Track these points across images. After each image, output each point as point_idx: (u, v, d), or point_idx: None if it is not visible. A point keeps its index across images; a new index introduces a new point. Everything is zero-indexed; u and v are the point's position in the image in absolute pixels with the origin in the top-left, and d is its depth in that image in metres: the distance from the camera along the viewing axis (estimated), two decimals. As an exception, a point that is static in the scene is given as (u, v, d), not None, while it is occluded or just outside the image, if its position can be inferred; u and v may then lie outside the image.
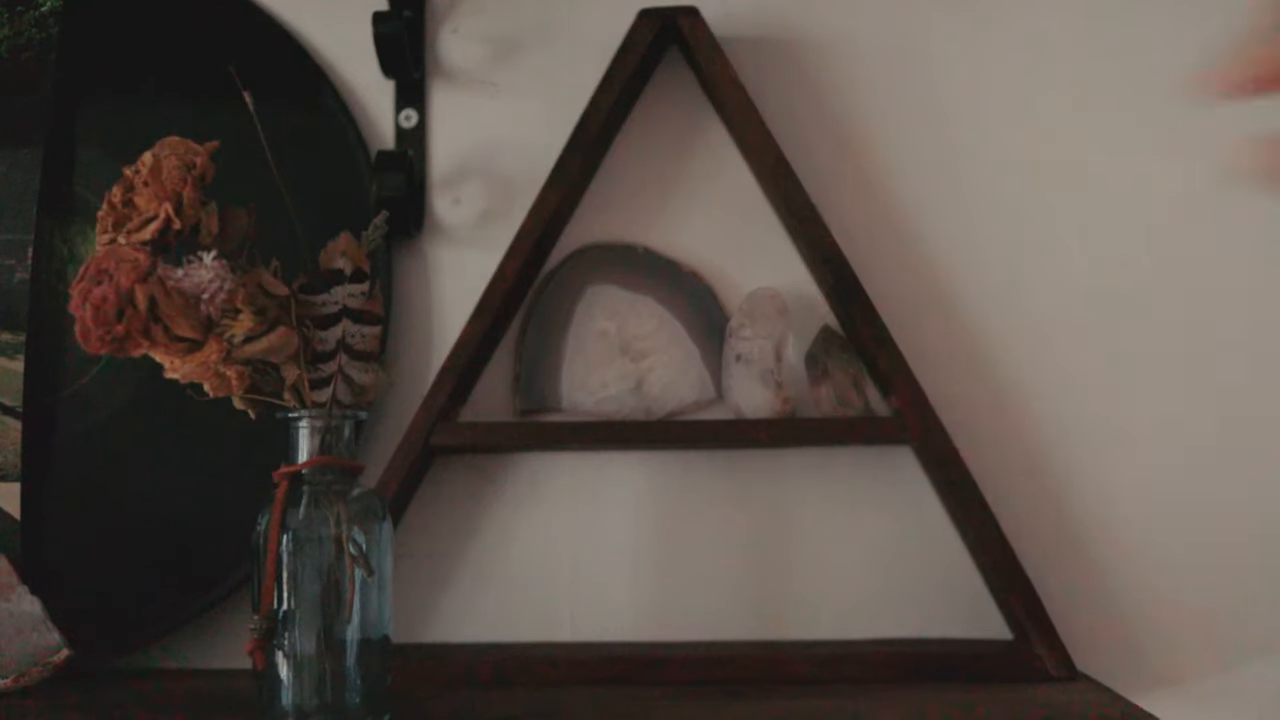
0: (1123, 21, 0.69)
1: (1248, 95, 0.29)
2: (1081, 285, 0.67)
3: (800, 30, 0.69)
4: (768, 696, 0.55)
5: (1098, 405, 0.66)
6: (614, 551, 0.66)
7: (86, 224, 0.66)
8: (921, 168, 0.68)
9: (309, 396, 0.45)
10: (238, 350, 0.42)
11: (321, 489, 0.46)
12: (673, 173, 0.69)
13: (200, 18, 0.68)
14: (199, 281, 0.41)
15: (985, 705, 0.53)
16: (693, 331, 0.68)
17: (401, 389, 0.67)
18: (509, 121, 0.69)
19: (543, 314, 0.68)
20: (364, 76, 0.69)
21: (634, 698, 0.55)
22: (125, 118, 0.67)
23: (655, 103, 0.69)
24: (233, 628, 0.65)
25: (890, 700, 0.54)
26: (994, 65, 0.69)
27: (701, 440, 0.62)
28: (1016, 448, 0.66)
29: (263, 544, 0.45)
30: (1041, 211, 0.68)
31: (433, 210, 0.69)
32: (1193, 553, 0.65)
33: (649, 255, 0.68)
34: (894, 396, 0.63)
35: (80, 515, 0.64)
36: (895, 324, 0.64)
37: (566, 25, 0.70)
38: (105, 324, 0.39)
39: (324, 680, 0.45)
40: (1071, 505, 0.66)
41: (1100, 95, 0.68)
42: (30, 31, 0.67)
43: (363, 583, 0.45)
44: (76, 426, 0.65)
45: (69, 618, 0.60)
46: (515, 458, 0.68)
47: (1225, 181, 0.67)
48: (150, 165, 0.42)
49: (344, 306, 0.46)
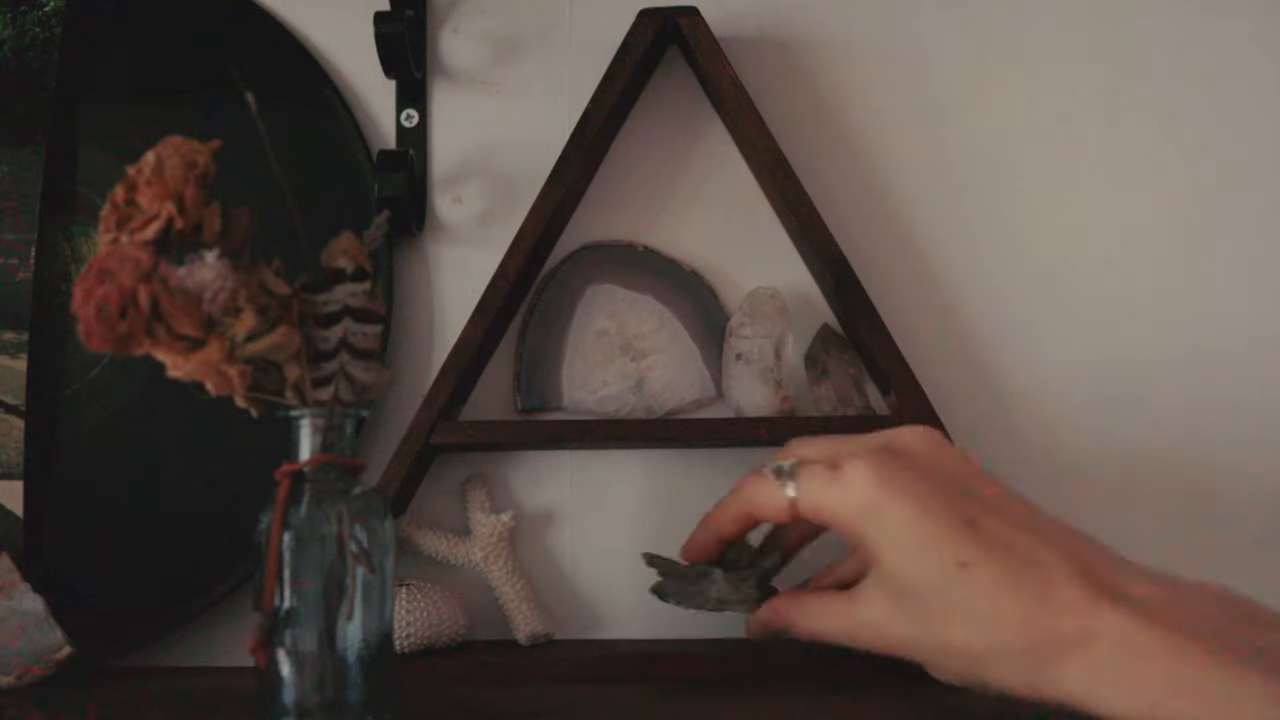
0: (1122, 22, 0.69)
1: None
2: (1082, 285, 0.68)
3: (800, 30, 0.69)
4: (769, 694, 0.55)
5: (1098, 404, 0.67)
6: (614, 549, 0.67)
7: (89, 223, 0.66)
8: (922, 167, 0.68)
9: (311, 395, 0.46)
10: (240, 349, 0.42)
11: (323, 487, 0.46)
12: (673, 172, 0.69)
13: (202, 17, 0.68)
14: (201, 280, 0.41)
15: (985, 704, 0.53)
16: (693, 330, 0.68)
17: (402, 387, 0.67)
18: (510, 121, 0.70)
19: (543, 313, 0.68)
20: (365, 76, 0.69)
21: (634, 696, 0.55)
22: (128, 117, 0.67)
23: (655, 103, 0.69)
24: (234, 626, 0.66)
25: (892, 699, 0.54)
26: (994, 65, 0.69)
27: (701, 438, 0.62)
28: (1016, 447, 0.66)
29: (264, 542, 0.45)
30: (1042, 211, 0.68)
31: (434, 209, 0.69)
32: (1198, 559, 0.65)
33: (649, 254, 0.68)
34: (894, 396, 0.63)
35: (82, 513, 0.64)
36: (895, 324, 0.64)
37: (566, 25, 0.70)
38: (108, 323, 0.39)
39: (325, 678, 0.45)
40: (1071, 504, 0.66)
41: (1101, 95, 0.68)
42: (33, 31, 0.67)
43: (364, 581, 0.45)
44: (79, 425, 0.65)
45: (71, 615, 0.61)
46: (515, 456, 0.68)
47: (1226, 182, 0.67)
48: (153, 164, 0.42)
49: (345, 305, 0.46)
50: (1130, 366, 0.67)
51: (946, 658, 0.44)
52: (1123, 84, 0.68)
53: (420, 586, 0.62)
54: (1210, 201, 0.68)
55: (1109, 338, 0.67)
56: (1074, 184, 0.68)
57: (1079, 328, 0.67)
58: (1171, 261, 0.67)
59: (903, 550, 0.44)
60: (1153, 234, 0.68)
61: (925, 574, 0.43)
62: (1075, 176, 0.68)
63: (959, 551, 0.42)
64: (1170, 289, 0.67)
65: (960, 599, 0.42)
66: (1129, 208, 0.68)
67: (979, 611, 0.42)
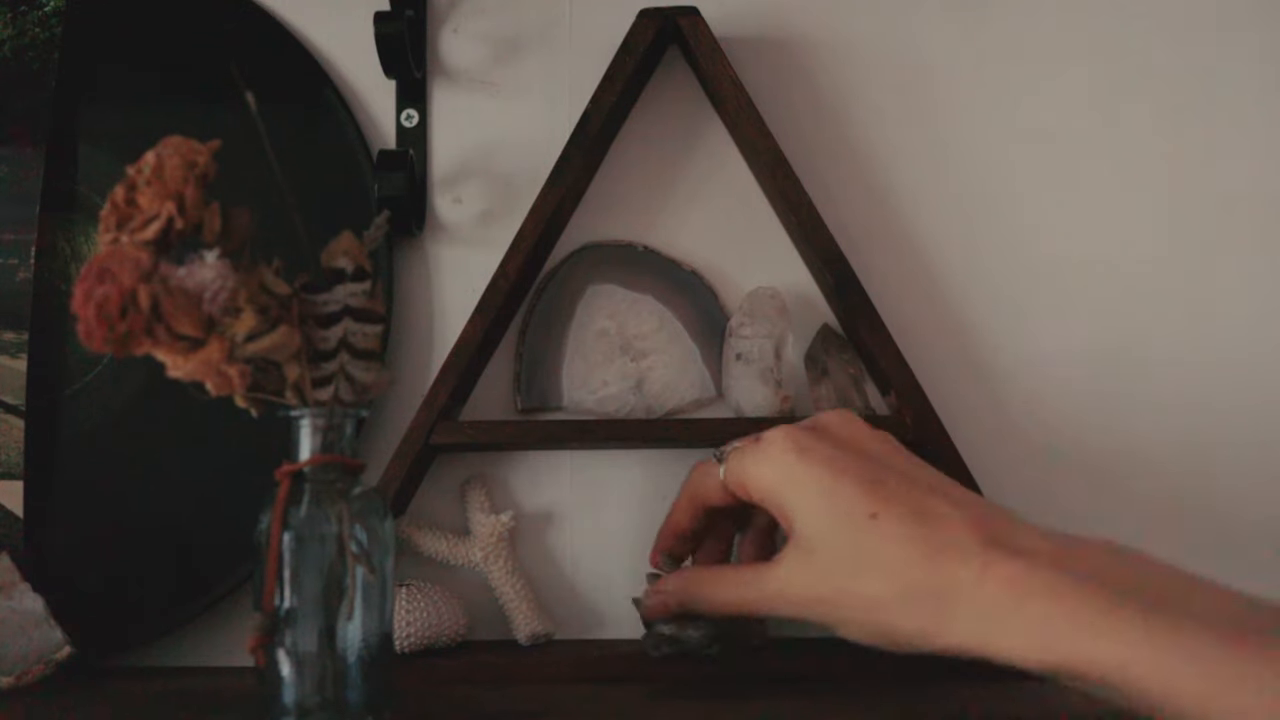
0: (1122, 21, 0.69)
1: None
2: (1082, 284, 0.68)
3: (800, 30, 0.69)
4: (770, 694, 0.55)
5: (1097, 403, 0.67)
6: (614, 549, 0.67)
7: (89, 223, 0.66)
8: (922, 167, 0.68)
9: (311, 395, 0.46)
10: (240, 349, 0.42)
11: (323, 487, 0.46)
12: (673, 173, 0.69)
13: (202, 17, 0.68)
14: (201, 280, 0.41)
15: (985, 703, 0.53)
16: (693, 330, 0.68)
17: (402, 387, 0.67)
18: (510, 121, 0.70)
19: (543, 313, 0.68)
20: (365, 76, 0.69)
21: (634, 696, 0.55)
22: (127, 117, 0.67)
23: (655, 103, 0.69)
24: (234, 626, 0.66)
25: (893, 698, 0.54)
26: (994, 65, 0.69)
27: (701, 438, 0.62)
28: (1015, 446, 0.66)
29: (264, 542, 0.45)
30: (1041, 211, 0.68)
31: (434, 209, 0.69)
32: (1195, 554, 0.65)
33: (649, 254, 0.68)
34: (894, 396, 0.63)
35: (82, 513, 0.64)
36: (895, 324, 0.64)
37: (566, 25, 0.70)
38: (108, 323, 0.39)
39: (325, 678, 0.45)
40: (1069, 501, 0.66)
41: (1100, 95, 0.69)
42: (33, 31, 0.67)
43: (364, 581, 0.45)
44: (79, 425, 0.65)
45: (71, 615, 0.61)
46: (515, 456, 0.68)
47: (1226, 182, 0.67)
48: (153, 164, 0.42)
49: (346, 305, 0.46)
50: (1129, 365, 0.67)
51: (854, 611, 0.45)
52: (1122, 84, 0.68)
53: (420, 586, 0.62)
54: (1209, 202, 0.68)
55: (1108, 337, 0.67)
56: (1073, 184, 0.68)
57: (1078, 327, 0.67)
58: (1171, 261, 0.67)
59: (815, 510, 0.46)
60: (1152, 234, 0.68)
61: (837, 529, 0.45)
62: (1074, 176, 0.68)
63: (869, 505, 0.45)
64: (1170, 289, 0.67)
65: (869, 547, 0.44)
66: (1128, 208, 0.68)
67: (885, 558, 0.44)
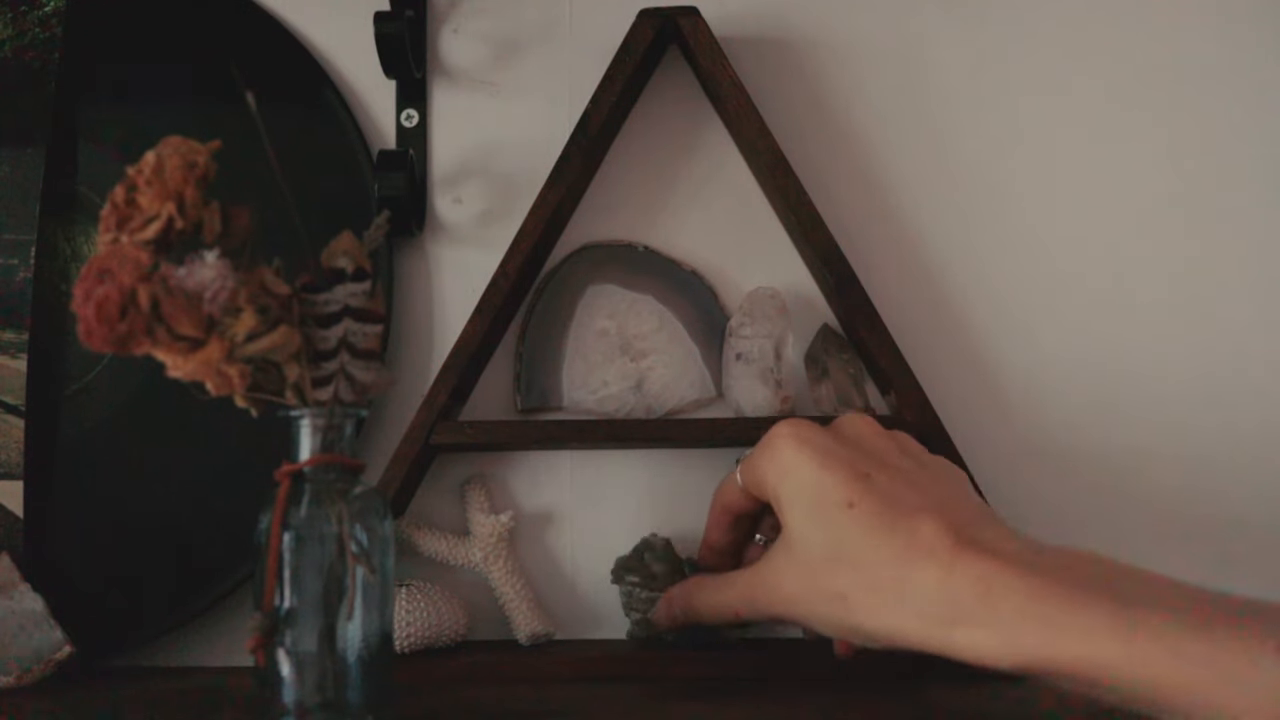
0: (1122, 22, 0.69)
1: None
2: (1082, 285, 0.68)
3: (800, 30, 0.69)
4: (768, 695, 0.55)
5: (1097, 403, 0.67)
6: (614, 549, 0.67)
7: (89, 223, 0.66)
8: (921, 167, 0.68)
9: (311, 395, 0.45)
10: (240, 349, 0.42)
11: (323, 487, 0.46)
12: (673, 173, 0.69)
13: (202, 17, 0.68)
14: (201, 280, 0.41)
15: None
16: (693, 330, 0.68)
17: (402, 387, 0.67)
18: (509, 121, 0.70)
19: (543, 313, 0.68)
20: (365, 76, 0.69)
21: (634, 696, 0.55)
22: (128, 117, 0.67)
23: (655, 103, 0.69)
24: (234, 626, 0.66)
25: (894, 698, 0.54)
26: (994, 65, 0.69)
27: (701, 438, 0.62)
28: (1015, 446, 0.66)
29: (264, 542, 0.45)
30: (1042, 211, 0.68)
31: (434, 209, 0.69)
32: (1196, 560, 0.65)
33: (649, 254, 0.68)
34: (894, 396, 0.63)
35: (82, 513, 0.64)
36: (895, 324, 0.64)
37: (566, 25, 0.70)
38: (108, 323, 0.39)
39: (325, 677, 0.45)
40: (1069, 502, 0.66)
41: (1100, 96, 0.69)
42: (33, 31, 0.67)
43: (364, 581, 0.45)
44: (79, 425, 0.65)
45: (71, 615, 0.61)
46: (515, 456, 0.68)
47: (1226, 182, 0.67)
48: (153, 165, 0.42)
49: (346, 305, 0.46)
50: (1129, 365, 0.67)
51: (828, 606, 0.45)
52: (1122, 84, 0.68)
53: (420, 586, 0.62)
54: (1210, 202, 0.68)
55: (1108, 337, 0.67)
56: (1073, 184, 0.68)
57: (1079, 327, 0.67)
58: (1171, 261, 0.67)
59: (802, 505, 0.46)
60: (1152, 234, 0.68)
61: (815, 520, 0.45)
62: (1075, 176, 0.68)
63: (848, 495, 0.45)
64: (1170, 289, 0.67)
65: (842, 539, 0.44)
66: (1129, 208, 0.68)
67: (855, 550, 0.44)
